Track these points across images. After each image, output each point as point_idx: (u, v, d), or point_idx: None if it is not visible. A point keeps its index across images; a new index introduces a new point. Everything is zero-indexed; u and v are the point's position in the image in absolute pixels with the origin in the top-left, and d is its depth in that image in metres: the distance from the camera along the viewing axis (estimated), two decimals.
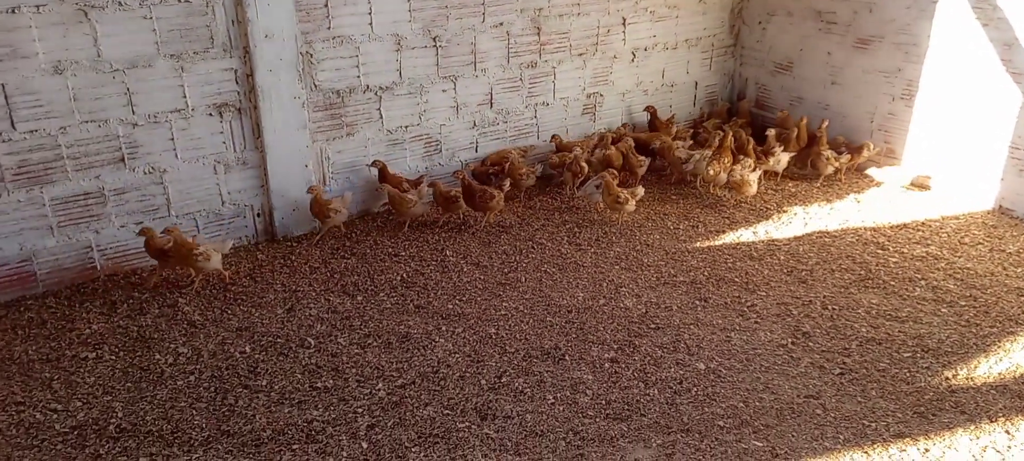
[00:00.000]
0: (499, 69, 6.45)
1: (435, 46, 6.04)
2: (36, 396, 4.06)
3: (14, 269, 4.88)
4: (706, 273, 5.33)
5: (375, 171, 5.98)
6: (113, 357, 4.41)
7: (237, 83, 5.25)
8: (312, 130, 5.68)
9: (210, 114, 5.24)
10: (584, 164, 6.45)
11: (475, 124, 6.56)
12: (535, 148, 6.79)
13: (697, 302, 4.97)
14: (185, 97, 5.10)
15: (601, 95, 7.16)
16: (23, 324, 4.70)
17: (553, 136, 6.77)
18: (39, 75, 4.60)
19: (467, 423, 3.88)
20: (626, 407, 3.98)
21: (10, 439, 3.75)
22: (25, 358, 4.38)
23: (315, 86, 5.60)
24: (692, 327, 4.69)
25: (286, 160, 5.59)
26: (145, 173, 5.15)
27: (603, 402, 4.02)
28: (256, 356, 4.43)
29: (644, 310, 4.87)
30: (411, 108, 6.14)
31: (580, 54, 6.86)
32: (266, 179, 5.58)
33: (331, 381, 4.21)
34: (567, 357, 4.40)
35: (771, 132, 6.92)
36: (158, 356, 4.41)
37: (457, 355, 4.45)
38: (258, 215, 5.72)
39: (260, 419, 3.90)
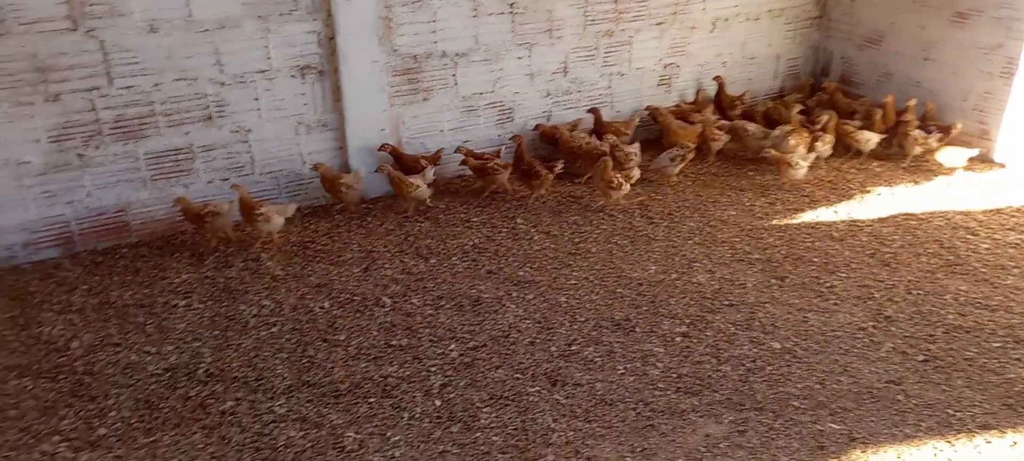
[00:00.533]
0: (575, 37, 6.39)
1: (511, 12, 6.02)
2: (131, 339, 4.30)
3: (111, 218, 5.15)
4: (783, 252, 5.20)
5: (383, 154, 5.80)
6: (201, 306, 4.62)
7: (319, 46, 5.37)
8: (390, 94, 5.76)
9: (293, 76, 5.38)
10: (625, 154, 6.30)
11: (549, 93, 6.53)
12: (582, 122, 6.63)
13: (773, 281, 4.87)
14: (269, 58, 5.24)
15: (677, 66, 7.02)
16: (119, 271, 4.96)
17: (592, 109, 6.61)
18: (135, 33, 4.80)
19: (537, 388, 3.93)
20: (697, 382, 3.96)
21: (108, 378, 3.98)
22: (121, 303, 4.63)
23: (394, 50, 5.66)
24: (767, 306, 4.60)
25: (364, 123, 5.69)
26: (231, 132, 5.34)
27: (674, 375, 4.01)
28: (334, 312, 4.57)
29: (717, 286, 4.81)
30: (486, 75, 6.15)
31: (658, 23, 6.73)
32: (344, 141, 5.70)
33: (405, 340, 4.32)
34: (638, 329, 4.39)
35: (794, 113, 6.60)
36: (243, 307, 4.60)
37: (527, 321, 4.49)
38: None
39: (338, 372, 4.03)
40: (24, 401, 3.80)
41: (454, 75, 6.01)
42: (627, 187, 5.74)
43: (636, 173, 5.93)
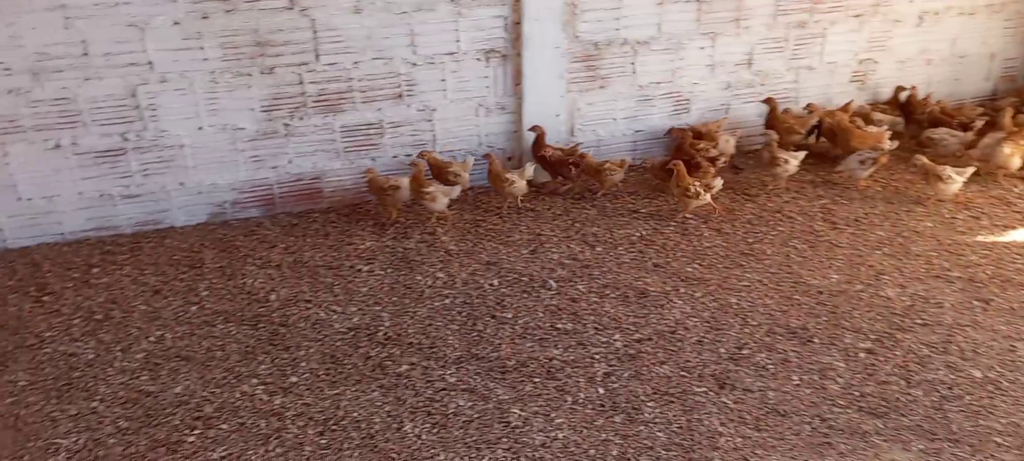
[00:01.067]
0: (764, 27, 6.10)
1: (698, 0, 5.85)
2: (321, 297, 4.66)
3: (307, 185, 5.60)
4: (989, 271, 4.70)
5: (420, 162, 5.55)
6: (382, 272, 4.91)
7: (505, 30, 5.51)
8: (568, 81, 5.81)
9: (478, 59, 5.56)
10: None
11: (729, 85, 6.30)
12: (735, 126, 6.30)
13: (975, 303, 4.42)
14: (458, 41, 5.45)
15: (875, 62, 6.51)
16: (311, 234, 5.39)
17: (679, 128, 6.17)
18: (341, 13, 5.17)
19: (705, 389, 3.82)
20: (883, 403, 3.68)
21: (300, 331, 4.35)
22: (313, 263, 5.03)
23: (576, 36, 5.69)
24: (968, 329, 4.18)
25: (540, 108, 5.78)
26: (418, 110, 5.62)
27: (856, 393, 3.75)
28: (503, 290, 4.70)
29: (909, 303, 4.43)
30: (665, 64, 6.03)
31: (857, 15, 6.27)
32: (520, 125, 5.82)
33: (570, 324, 4.35)
34: (816, 340, 4.14)
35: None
36: (419, 277, 4.84)
37: (695, 319, 4.38)
38: (508, 158, 5.99)
39: (505, 348, 4.15)
40: (229, 344, 4.23)
41: (633, 63, 5.94)
42: (707, 197, 5.38)
43: (718, 182, 5.46)
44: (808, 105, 6.33)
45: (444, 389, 3.85)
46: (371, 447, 3.47)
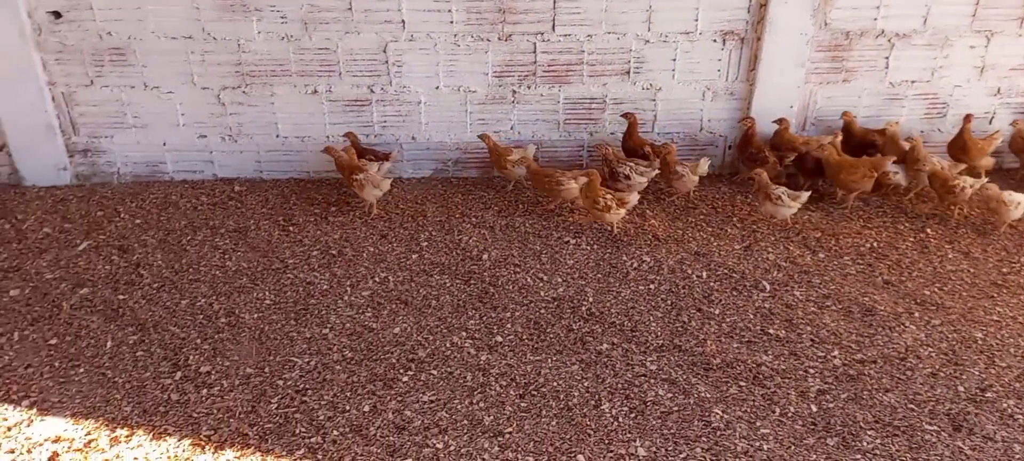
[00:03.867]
0: None
1: None
2: (528, 263, 4.77)
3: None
4: None
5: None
6: (589, 248, 4.93)
7: (748, 11, 5.22)
8: (808, 70, 5.40)
9: (714, 40, 5.33)
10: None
11: (999, 91, 5.53)
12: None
13: None
14: (697, 21, 5.26)
15: None
16: (523, 200, 5.52)
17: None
18: None
19: (936, 428, 3.43)
20: None
21: (507, 293, 4.49)
22: (523, 229, 5.16)
23: (825, 24, 5.27)
24: None
25: (773, 96, 5.44)
26: (643, 88, 5.52)
27: None
28: (711, 284, 4.52)
29: None
30: (925, 62, 5.41)
31: None
32: (747, 112, 5.53)
33: (783, 332, 4.10)
34: None
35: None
36: (625, 258, 4.80)
37: (930, 349, 3.93)
38: (729, 147, 5.73)
39: (710, 345, 4.00)
40: (443, 295, 4.47)
41: (887, 58, 5.39)
42: (621, 212, 4.89)
43: (634, 199, 4.92)
44: None
45: (644, 375, 3.79)
46: (568, 419, 3.51)
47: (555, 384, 3.73)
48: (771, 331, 4.11)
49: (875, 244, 4.90)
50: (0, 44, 5.09)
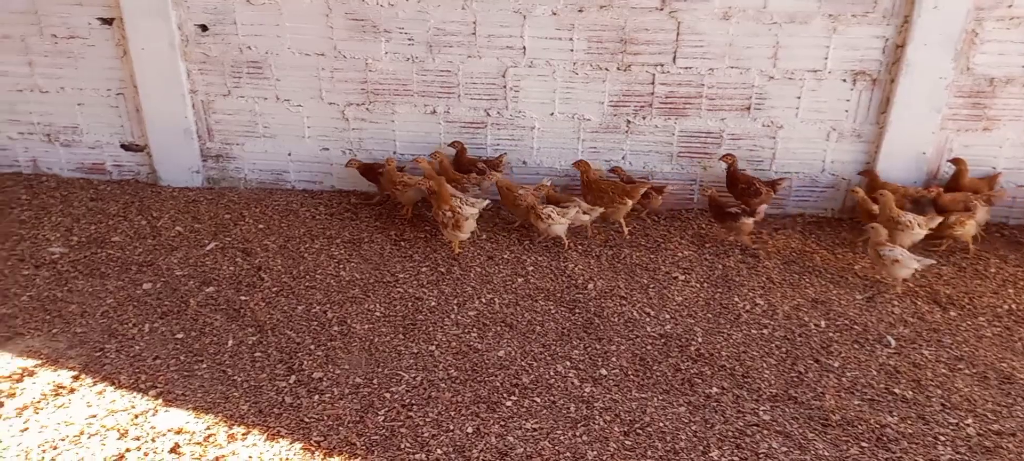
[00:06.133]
0: None
1: None
2: (635, 296, 4.69)
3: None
4: None
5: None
6: (697, 285, 4.80)
7: (883, 52, 4.98)
8: (945, 115, 5.09)
9: (843, 79, 5.12)
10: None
11: None
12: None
13: None
14: (826, 59, 5.06)
15: None
16: (632, 233, 5.44)
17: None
18: (709, 19, 5.08)
19: None
20: None
21: (612, 325, 4.41)
22: (630, 261, 5.08)
23: (967, 68, 4.96)
24: None
25: (905, 141, 5.16)
26: (763, 125, 5.35)
27: None
28: (830, 334, 4.30)
29: None
30: None
31: None
32: (875, 156, 5.26)
33: (911, 393, 3.84)
34: None
35: None
36: (737, 299, 4.64)
37: None
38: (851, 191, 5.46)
39: (829, 399, 3.79)
40: (547, 322, 4.44)
41: None
42: (462, 235, 5.01)
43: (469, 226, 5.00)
44: None
45: (756, 425, 3.63)
46: None
47: (661, 425, 3.62)
48: (896, 390, 3.86)
49: (1014, 306, 4.54)
50: (152, 52, 5.49)
